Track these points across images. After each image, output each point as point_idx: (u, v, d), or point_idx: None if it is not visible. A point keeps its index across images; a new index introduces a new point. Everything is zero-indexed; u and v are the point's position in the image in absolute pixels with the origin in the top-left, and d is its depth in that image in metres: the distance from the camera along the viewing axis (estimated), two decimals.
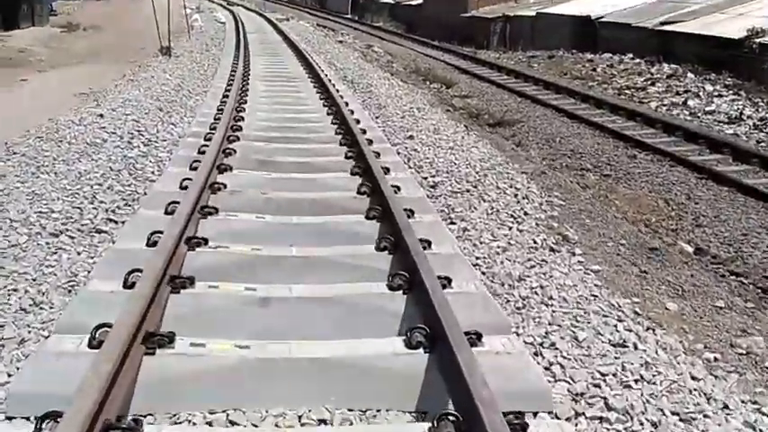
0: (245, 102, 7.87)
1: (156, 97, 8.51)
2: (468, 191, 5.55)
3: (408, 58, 20.46)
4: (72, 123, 6.91)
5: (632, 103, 14.10)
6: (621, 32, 21.33)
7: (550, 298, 3.67)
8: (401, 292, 3.13)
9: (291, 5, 52.53)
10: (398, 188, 4.64)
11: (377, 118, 8.59)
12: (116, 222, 4.42)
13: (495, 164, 6.54)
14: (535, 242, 4.59)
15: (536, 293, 3.73)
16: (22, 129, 7.01)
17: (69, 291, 3.44)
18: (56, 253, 3.91)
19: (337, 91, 8.69)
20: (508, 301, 3.65)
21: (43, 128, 6.86)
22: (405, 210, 4.02)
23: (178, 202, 3.90)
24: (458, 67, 18.96)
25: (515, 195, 5.61)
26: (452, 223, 4.82)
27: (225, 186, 4.55)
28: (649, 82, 16.34)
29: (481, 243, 4.44)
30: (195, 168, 4.80)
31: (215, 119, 6.68)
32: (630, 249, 5.13)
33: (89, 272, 3.59)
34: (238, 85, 8.65)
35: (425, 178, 5.95)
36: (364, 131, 6.42)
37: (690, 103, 14.09)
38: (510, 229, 4.79)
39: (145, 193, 4.93)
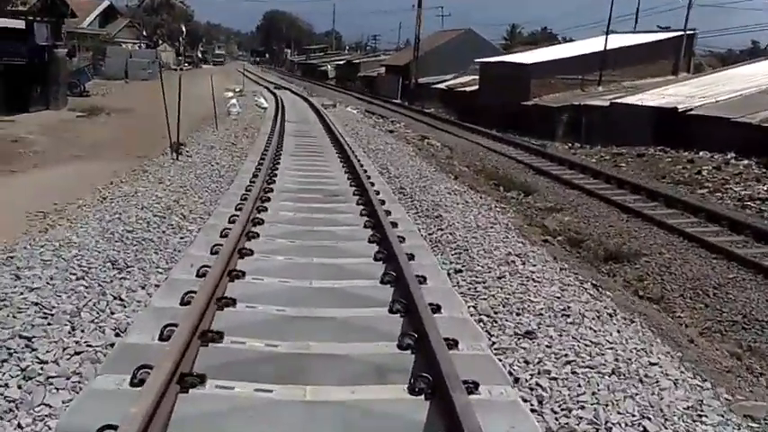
0: (251, 253, 4.80)
1: (121, 235, 5.45)
2: None
3: (470, 152, 17.62)
4: None
5: None
6: (717, 128, 18.27)
7: None
8: None
9: (340, 89, 51.43)
10: None
11: (458, 272, 5.49)
12: None
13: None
14: None
15: None
16: None
17: None
18: None
19: (394, 226, 5.64)
20: None
21: None
22: None
23: None
24: (530, 166, 15.94)
25: None
26: None
27: None
28: None
29: None
30: None
31: (188, 293, 3.68)
32: None
33: None
34: (248, 212, 5.65)
35: None
36: (453, 343, 3.31)
37: None
38: None
39: None
